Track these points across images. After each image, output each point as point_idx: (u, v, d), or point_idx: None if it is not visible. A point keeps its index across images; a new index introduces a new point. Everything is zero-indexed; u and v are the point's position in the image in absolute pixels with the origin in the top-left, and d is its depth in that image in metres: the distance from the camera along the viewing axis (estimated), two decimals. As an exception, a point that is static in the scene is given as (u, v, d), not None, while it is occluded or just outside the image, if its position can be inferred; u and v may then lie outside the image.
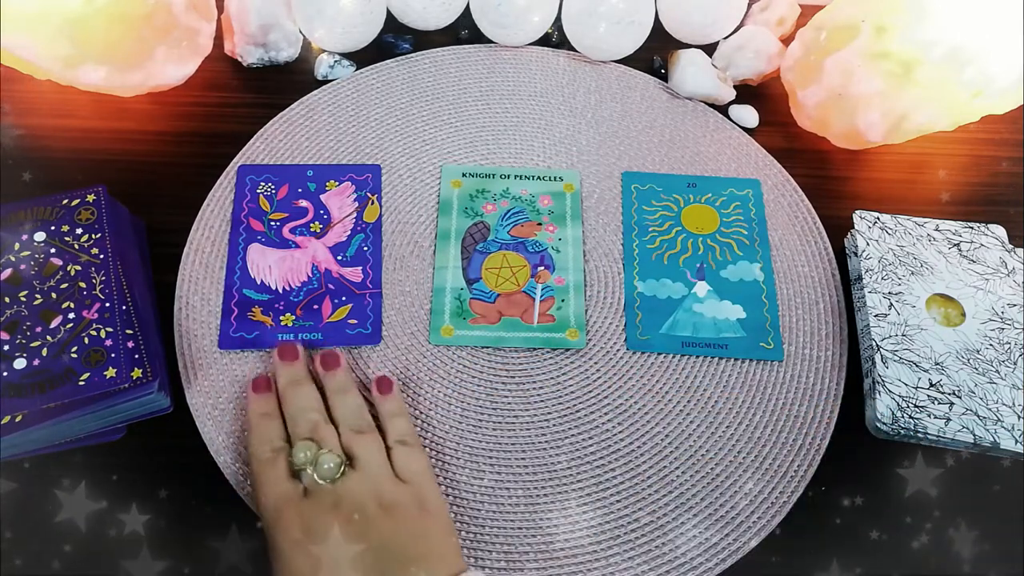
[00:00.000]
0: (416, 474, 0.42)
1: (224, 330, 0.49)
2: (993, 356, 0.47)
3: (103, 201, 0.49)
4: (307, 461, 0.41)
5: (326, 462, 0.40)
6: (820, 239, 0.55)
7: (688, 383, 0.49)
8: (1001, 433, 0.44)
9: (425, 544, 0.39)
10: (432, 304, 0.51)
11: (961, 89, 0.53)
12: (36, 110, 0.58)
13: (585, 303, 0.52)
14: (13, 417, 0.41)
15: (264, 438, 0.43)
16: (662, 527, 0.44)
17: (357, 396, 0.46)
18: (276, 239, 0.53)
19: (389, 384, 0.47)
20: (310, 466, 0.41)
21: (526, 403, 0.48)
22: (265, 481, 0.41)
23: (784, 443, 0.47)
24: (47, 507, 0.43)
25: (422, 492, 0.41)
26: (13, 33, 0.51)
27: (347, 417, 0.44)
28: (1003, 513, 0.46)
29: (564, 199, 0.56)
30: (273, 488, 0.40)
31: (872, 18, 0.53)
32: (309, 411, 0.44)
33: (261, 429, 0.43)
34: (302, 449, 0.41)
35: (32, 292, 0.45)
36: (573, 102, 0.61)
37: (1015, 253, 0.52)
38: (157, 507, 0.44)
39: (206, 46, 0.58)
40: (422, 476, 0.42)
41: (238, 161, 0.56)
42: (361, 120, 0.59)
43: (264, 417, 0.44)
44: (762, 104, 0.61)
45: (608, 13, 0.59)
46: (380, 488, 0.41)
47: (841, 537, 0.45)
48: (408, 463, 0.43)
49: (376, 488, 0.41)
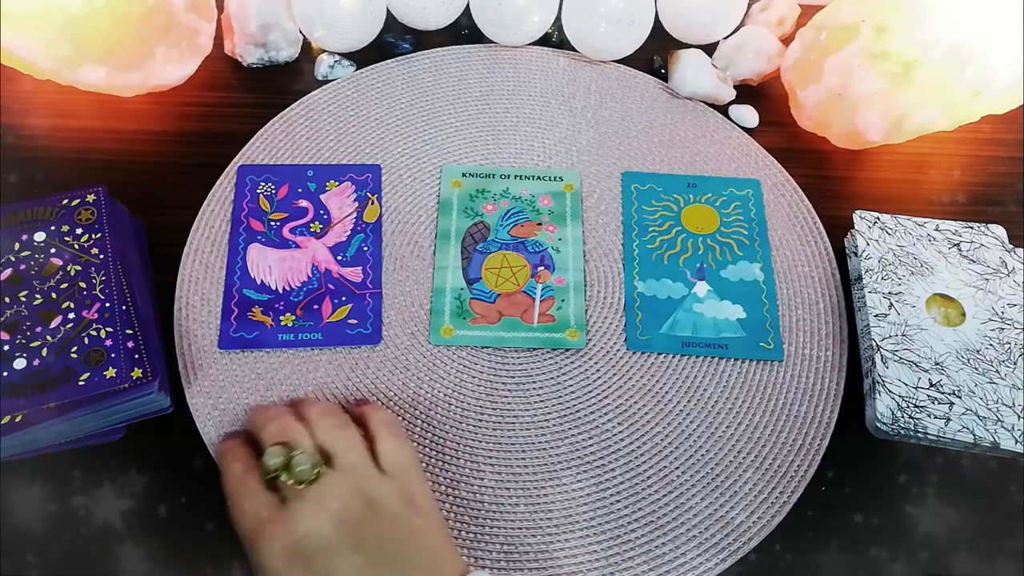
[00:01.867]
0: (401, 467, 0.40)
1: (224, 330, 0.49)
2: (993, 356, 0.47)
3: (103, 201, 0.49)
4: (279, 466, 0.38)
5: (300, 463, 0.37)
6: (820, 239, 0.55)
7: (688, 383, 0.49)
8: (1001, 433, 0.44)
9: (419, 546, 0.37)
10: (432, 304, 0.51)
11: (961, 89, 0.53)
12: (36, 110, 0.58)
13: (585, 303, 0.52)
14: (13, 417, 0.41)
15: (234, 457, 0.40)
16: (662, 527, 0.44)
17: (330, 404, 0.44)
18: (276, 239, 0.53)
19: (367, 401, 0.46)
20: (283, 471, 0.38)
21: (526, 403, 0.48)
22: (240, 497, 0.38)
23: (784, 443, 0.47)
24: (47, 507, 0.43)
25: (409, 487, 0.39)
26: (13, 33, 0.51)
27: (320, 415, 0.41)
28: (1003, 513, 0.46)
29: (564, 199, 0.56)
30: (249, 503, 0.37)
31: (872, 18, 0.53)
32: (276, 416, 0.41)
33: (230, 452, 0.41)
34: (272, 455, 0.38)
35: (32, 292, 0.45)
36: (573, 102, 0.61)
37: (1015, 253, 0.52)
38: (157, 507, 0.44)
39: (206, 46, 0.58)
40: (407, 469, 0.40)
41: (238, 161, 0.56)
42: (361, 120, 0.59)
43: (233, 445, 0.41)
44: (762, 104, 0.61)
45: (608, 13, 0.59)
46: (364, 485, 0.38)
47: (841, 537, 0.45)
48: (392, 454, 0.40)
49: (359, 485, 0.38)
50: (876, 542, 0.45)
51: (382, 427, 0.41)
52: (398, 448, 0.41)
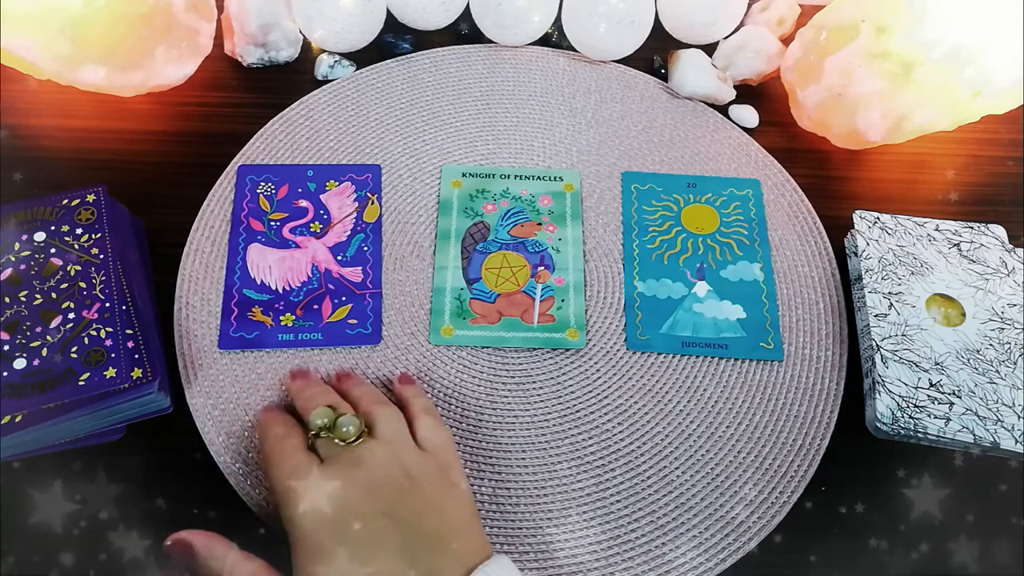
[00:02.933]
0: (438, 445, 0.41)
1: (224, 330, 0.49)
2: (993, 356, 0.47)
3: (103, 201, 0.49)
4: (325, 424, 0.39)
5: (345, 424, 0.38)
6: (820, 239, 0.55)
7: (688, 383, 0.49)
8: (1001, 433, 0.44)
9: (448, 520, 0.38)
10: (432, 304, 0.51)
11: (961, 89, 0.53)
12: (36, 110, 0.58)
13: (585, 303, 0.52)
14: (13, 417, 0.41)
15: (276, 421, 0.41)
16: (662, 527, 0.44)
17: (373, 386, 0.46)
18: (276, 239, 0.53)
19: (411, 379, 0.47)
20: (327, 432, 0.39)
21: (526, 403, 0.48)
22: (279, 455, 0.39)
23: (784, 443, 0.47)
24: (47, 507, 0.43)
25: (446, 461, 0.40)
26: (13, 33, 0.51)
27: (365, 394, 0.43)
28: (1003, 513, 0.46)
29: (564, 199, 0.56)
30: (288, 460, 0.38)
31: (872, 18, 0.53)
32: (322, 394, 0.43)
33: (272, 417, 0.42)
34: (319, 415, 0.39)
35: (32, 292, 0.45)
36: (573, 102, 0.61)
37: (1015, 253, 0.52)
38: (157, 507, 0.44)
39: (206, 46, 0.58)
40: (444, 448, 0.41)
41: (238, 161, 0.56)
42: (361, 120, 0.59)
43: (275, 412, 0.43)
44: (762, 104, 0.61)
45: (608, 13, 0.59)
46: (402, 455, 0.39)
47: (841, 537, 0.45)
48: (431, 434, 0.41)
49: (397, 455, 0.39)
50: (876, 542, 0.45)
51: (422, 411, 0.43)
52: (436, 429, 0.42)
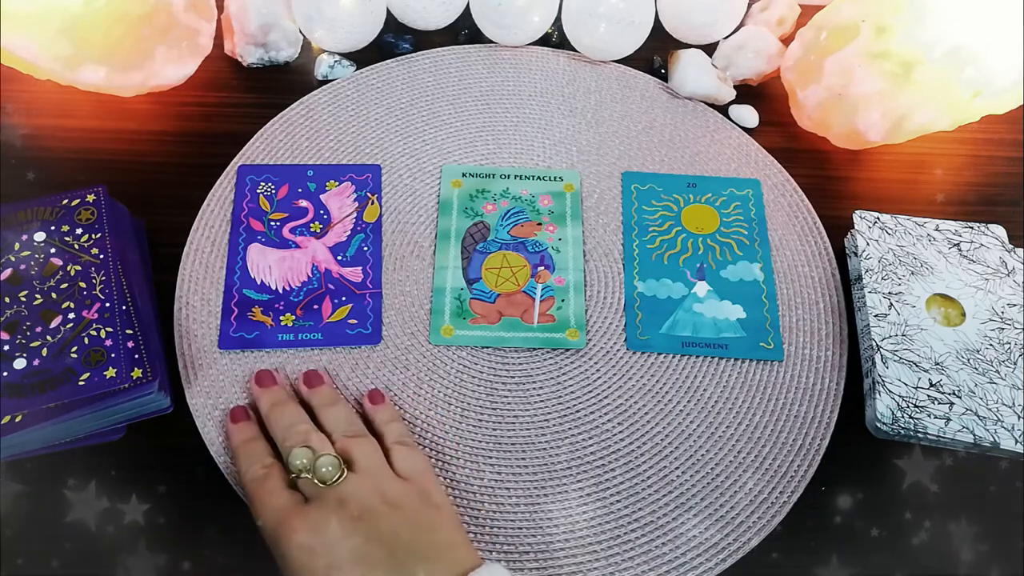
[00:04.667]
0: (417, 472, 0.42)
1: (224, 330, 0.49)
2: (993, 356, 0.47)
3: (103, 201, 0.49)
4: (305, 467, 0.40)
5: (324, 464, 0.40)
6: (820, 239, 0.55)
7: (688, 383, 0.49)
8: (1001, 433, 0.44)
9: (436, 538, 0.39)
10: (432, 304, 0.51)
11: (961, 89, 0.53)
12: (36, 110, 0.58)
13: (585, 303, 0.52)
14: (13, 417, 0.41)
15: (253, 459, 0.42)
16: (662, 527, 0.44)
17: (346, 406, 0.45)
18: (276, 239, 0.53)
19: (381, 396, 0.47)
20: (307, 472, 0.40)
21: (526, 403, 0.48)
22: (263, 497, 0.40)
23: (784, 443, 0.47)
24: (47, 507, 0.43)
25: (425, 487, 0.41)
26: (13, 33, 0.51)
27: (339, 425, 0.43)
28: (1003, 513, 0.46)
29: (564, 199, 0.56)
30: (273, 501, 0.39)
31: (872, 18, 0.53)
32: (298, 424, 0.43)
33: (248, 451, 0.43)
34: (298, 456, 0.40)
35: (32, 292, 0.45)
36: (573, 102, 0.61)
37: (1015, 253, 0.52)
38: (157, 507, 0.44)
39: (206, 46, 0.58)
40: (423, 473, 0.42)
41: (238, 161, 0.56)
42: (361, 120, 0.59)
43: (249, 441, 0.43)
44: (762, 104, 0.61)
45: (608, 13, 0.59)
46: (382, 486, 0.40)
47: (841, 537, 0.45)
48: (407, 462, 0.42)
49: (378, 486, 0.40)
50: (876, 542, 0.45)
51: (396, 442, 0.44)
52: (413, 457, 0.43)
